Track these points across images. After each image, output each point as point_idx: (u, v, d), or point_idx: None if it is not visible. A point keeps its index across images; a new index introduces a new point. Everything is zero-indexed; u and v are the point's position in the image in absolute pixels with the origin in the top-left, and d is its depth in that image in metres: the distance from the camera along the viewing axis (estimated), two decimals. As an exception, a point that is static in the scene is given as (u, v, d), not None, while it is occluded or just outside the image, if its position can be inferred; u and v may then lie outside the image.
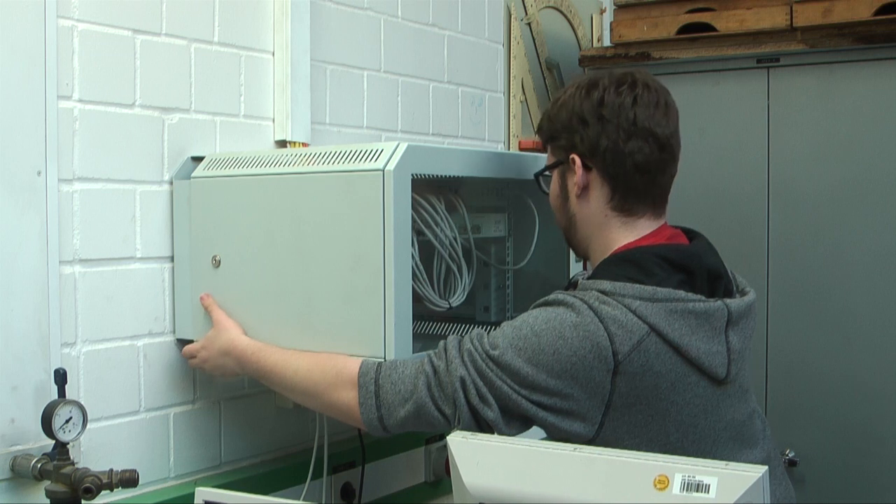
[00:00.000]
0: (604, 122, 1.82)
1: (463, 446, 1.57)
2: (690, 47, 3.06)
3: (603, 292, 1.74)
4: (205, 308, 2.07)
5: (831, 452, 2.89)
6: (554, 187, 1.95)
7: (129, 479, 1.81)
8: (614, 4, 3.22)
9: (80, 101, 1.95)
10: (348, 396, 1.83)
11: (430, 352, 1.81)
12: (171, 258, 2.12)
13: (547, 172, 1.97)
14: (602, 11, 3.71)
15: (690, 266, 1.79)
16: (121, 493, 1.91)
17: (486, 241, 2.32)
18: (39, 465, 1.81)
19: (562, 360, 1.70)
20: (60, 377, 1.84)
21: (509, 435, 1.74)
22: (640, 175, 1.83)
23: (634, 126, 1.81)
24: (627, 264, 1.79)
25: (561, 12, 3.52)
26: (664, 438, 1.73)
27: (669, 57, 3.10)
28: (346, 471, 2.43)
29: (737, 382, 1.82)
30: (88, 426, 1.86)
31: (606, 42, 3.47)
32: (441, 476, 2.67)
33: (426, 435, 2.69)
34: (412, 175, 1.85)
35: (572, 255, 2.27)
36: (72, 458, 1.83)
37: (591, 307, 1.71)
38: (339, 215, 1.89)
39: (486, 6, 3.09)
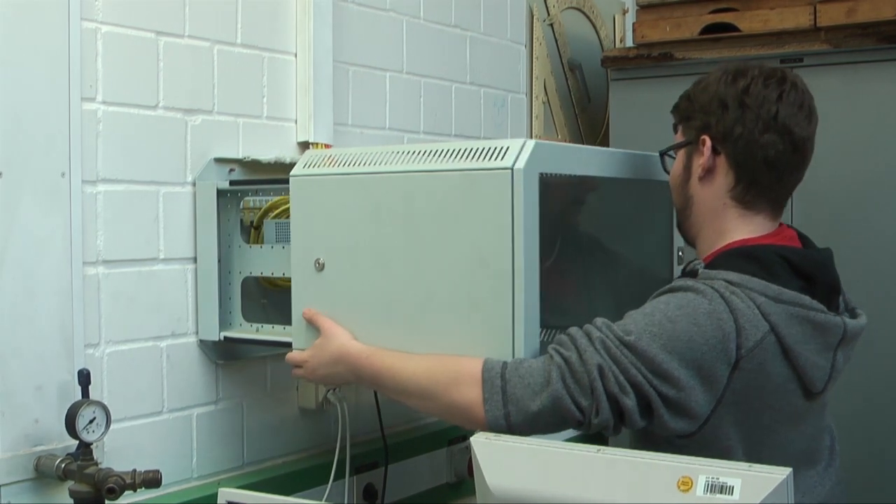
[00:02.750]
0: (744, 109, 1.80)
1: (486, 447, 1.57)
2: (713, 48, 3.05)
3: (730, 283, 1.71)
4: (308, 319, 1.98)
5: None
6: (677, 167, 1.94)
7: (152, 480, 1.81)
8: (637, 5, 3.21)
9: (104, 102, 1.96)
10: (471, 394, 1.72)
11: (552, 345, 1.74)
12: (194, 259, 2.13)
13: (671, 153, 1.96)
14: (624, 12, 3.70)
15: (813, 274, 1.77)
16: (144, 494, 1.92)
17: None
18: (63, 466, 1.82)
19: (693, 348, 1.66)
20: (84, 378, 1.84)
21: (636, 428, 1.70)
22: (769, 170, 1.81)
23: (774, 121, 1.79)
24: (751, 260, 1.76)
25: (583, 13, 3.52)
26: (748, 440, 1.72)
27: (692, 57, 3.09)
28: (369, 471, 2.43)
29: (824, 398, 1.81)
30: (112, 426, 1.87)
31: (629, 42, 3.47)
32: (464, 477, 2.67)
33: (449, 435, 2.68)
34: (540, 174, 1.77)
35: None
36: (95, 458, 1.84)
37: (721, 296, 1.68)
38: (460, 216, 1.81)
39: (509, 7, 3.08)
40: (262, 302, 2.24)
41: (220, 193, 2.11)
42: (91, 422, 1.82)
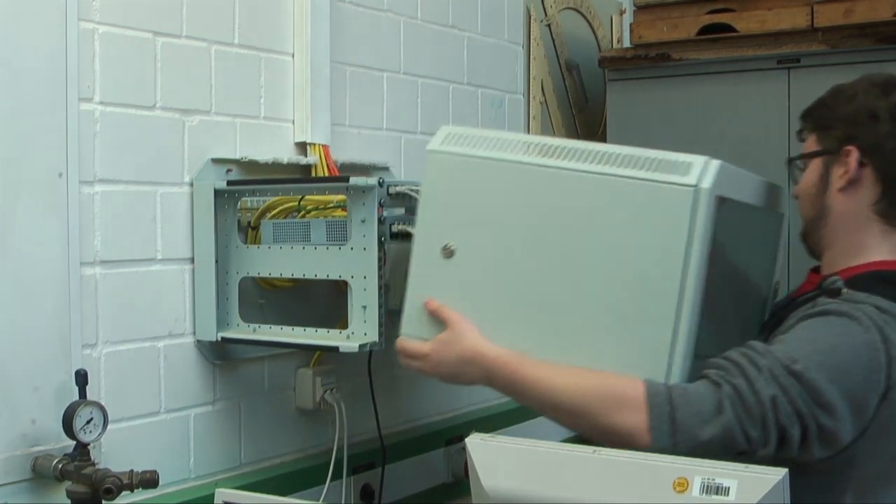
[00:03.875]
0: None
1: (481, 448, 1.57)
2: (711, 48, 3.05)
3: (880, 309, 1.69)
4: (432, 312, 1.88)
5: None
6: (811, 176, 1.91)
7: (149, 480, 1.81)
8: (634, 5, 3.21)
9: (101, 103, 1.96)
10: (634, 420, 1.64)
11: (714, 371, 1.67)
12: (192, 259, 2.13)
13: (800, 162, 1.94)
14: (622, 12, 3.70)
15: None
16: (141, 494, 1.91)
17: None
18: (60, 466, 1.82)
19: (852, 377, 1.64)
20: (81, 378, 1.85)
21: (787, 457, 1.63)
22: None
23: None
24: None
25: (581, 13, 3.52)
26: (874, 470, 1.73)
27: (690, 58, 3.09)
28: (366, 472, 2.43)
29: None
30: (109, 427, 1.87)
31: (626, 43, 3.47)
32: (460, 477, 2.67)
33: (446, 436, 2.69)
34: (716, 196, 1.67)
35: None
36: (92, 458, 1.84)
37: (875, 324, 1.67)
38: (629, 225, 1.70)
39: (506, 7, 3.09)
40: (259, 302, 2.24)
41: (218, 194, 2.11)
42: (88, 422, 1.82)
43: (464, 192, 1.86)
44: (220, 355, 2.18)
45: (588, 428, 1.74)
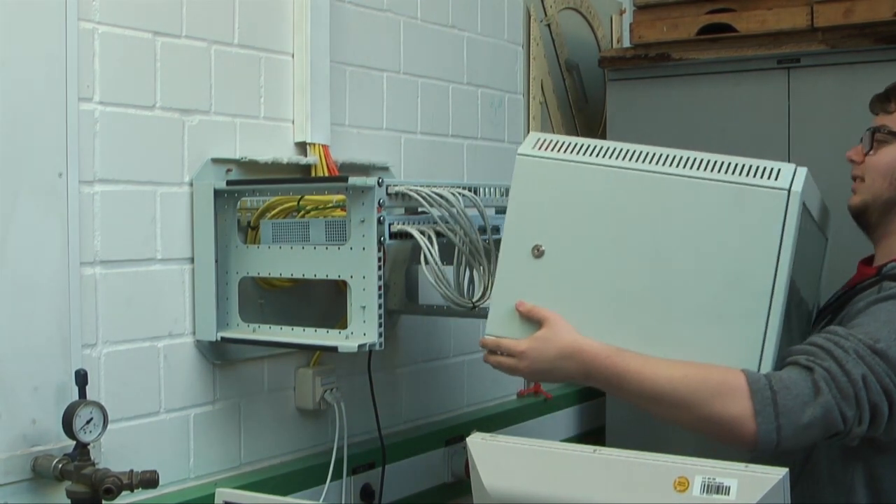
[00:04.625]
0: None
1: (482, 447, 1.57)
2: (711, 48, 3.05)
3: None
4: (525, 313, 1.91)
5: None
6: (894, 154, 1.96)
7: (149, 480, 1.81)
8: (634, 5, 3.21)
9: (101, 103, 1.96)
10: (739, 407, 1.71)
11: (801, 356, 1.75)
12: (192, 259, 2.13)
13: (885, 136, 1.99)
14: (622, 12, 3.70)
15: None
16: (141, 494, 1.92)
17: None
18: (60, 466, 1.82)
19: None
20: (81, 378, 1.85)
21: (876, 434, 1.74)
22: None
23: None
24: None
25: (580, 13, 3.52)
26: None
27: (689, 58, 3.09)
28: (366, 472, 2.43)
29: None
30: (109, 427, 1.87)
31: (626, 43, 3.46)
32: (461, 477, 2.67)
33: (446, 436, 2.69)
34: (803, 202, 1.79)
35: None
36: (92, 458, 1.84)
37: None
38: (720, 228, 1.80)
39: (506, 7, 3.09)
40: (259, 302, 2.24)
41: (218, 194, 2.11)
42: (88, 422, 1.82)
43: (554, 195, 1.92)
44: (220, 355, 2.18)
45: (690, 418, 1.78)
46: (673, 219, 1.84)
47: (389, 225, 1.99)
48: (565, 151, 1.93)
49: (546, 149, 1.94)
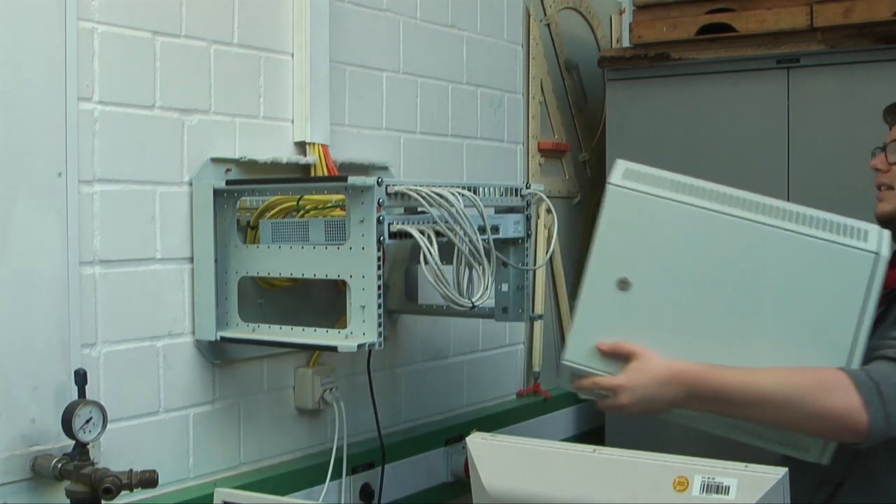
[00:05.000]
0: None
1: (482, 447, 1.57)
2: (710, 48, 3.05)
3: None
4: (610, 350, 1.93)
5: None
6: None
7: (148, 480, 1.81)
8: (633, 5, 3.21)
9: (101, 102, 1.96)
10: (848, 400, 1.77)
11: (888, 350, 1.83)
12: (191, 259, 2.13)
13: None
14: (621, 12, 3.70)
15: None
16: (140, 494, 1.92)
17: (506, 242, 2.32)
18: (60, 466, 1.82)
19: None
20: (80, 378, 1.85)
21: None
22: None
23: None
24: None
25: (580, 13, 3.52)
26: None
27: (689, 58, 3.09)
28: (366, 471, 2.43)
29: None
30: (108, 426, 1.87)
31: (626, 43, 3.46)
32: (460, 477, 2.67)
33: (446, 435, 2.69)
34: None
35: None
36: (92, 458, 1.84)
37: None
38: (806, 281, 1.88)
39: (506, 7, 3.09)
40: (258, 302, 2.24)
41: (217, 193, 2.11)
42: (87, 422, 1.82)
43: (643, 229, 1.95)
44: (220, 355, 2.18)
45: (798, 416, 1.82)
46: (762, 266, 1.90)
47: (389, 225, 1.98)
48: (656, 186, 1.96)
49: (636, 180, 1.97)
